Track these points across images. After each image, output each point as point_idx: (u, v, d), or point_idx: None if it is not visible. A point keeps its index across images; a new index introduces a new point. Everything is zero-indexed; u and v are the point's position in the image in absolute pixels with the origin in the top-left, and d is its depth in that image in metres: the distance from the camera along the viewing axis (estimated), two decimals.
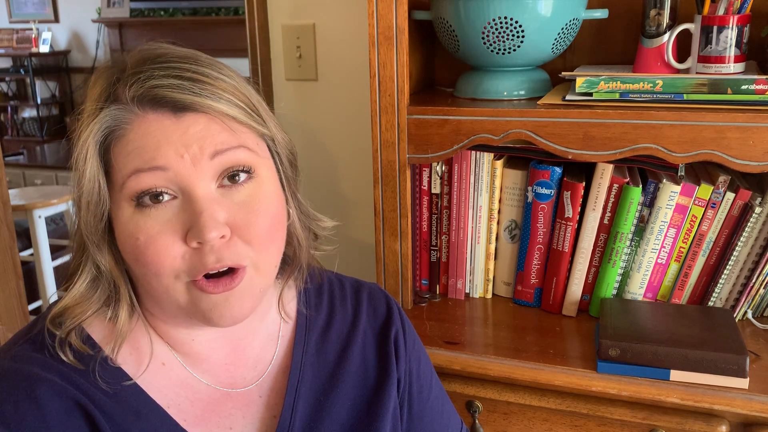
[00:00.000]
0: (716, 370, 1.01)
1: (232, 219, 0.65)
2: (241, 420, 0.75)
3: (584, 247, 1.20)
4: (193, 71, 0.65)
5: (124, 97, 0.64)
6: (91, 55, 6.30)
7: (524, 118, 1.11)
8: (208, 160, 0.64)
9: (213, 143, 0.64)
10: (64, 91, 6.51)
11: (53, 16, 6.30)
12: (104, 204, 0.65)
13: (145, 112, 0.64)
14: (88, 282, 0.68)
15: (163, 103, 0.64)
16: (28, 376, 0.65)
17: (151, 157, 0.63)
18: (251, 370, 0.77)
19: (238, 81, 0.68)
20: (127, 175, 0.63)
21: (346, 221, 1.67)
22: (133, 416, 0.68)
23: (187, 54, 0.67)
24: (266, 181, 0.69)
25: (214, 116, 0.65)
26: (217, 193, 0.65)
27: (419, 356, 0.88)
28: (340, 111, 1.62)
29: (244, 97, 0.67)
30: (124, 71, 0.66)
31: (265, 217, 0.67)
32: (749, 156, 1.02)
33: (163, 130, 0.63)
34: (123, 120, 0.64)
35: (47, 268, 3.14)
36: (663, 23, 1.11)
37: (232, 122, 0.66)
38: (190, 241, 0.64)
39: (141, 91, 0.64)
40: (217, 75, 0.66)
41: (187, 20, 5.67)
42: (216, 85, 0.65)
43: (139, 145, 0.63)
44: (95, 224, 0.65)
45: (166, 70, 0.64)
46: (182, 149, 0.63)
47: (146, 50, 0.68)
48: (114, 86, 0.65)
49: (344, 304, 0.85)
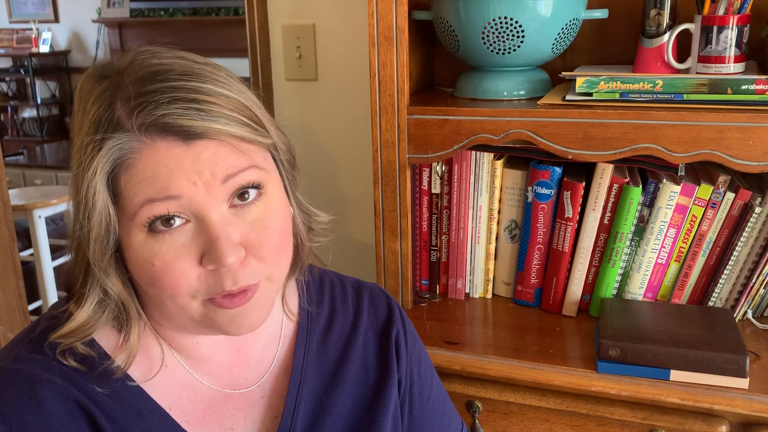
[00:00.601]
0: (716, 370, 1.01)
1: (245, 239, 0.65)
2: (243, 421, 0.75)
3: (584, 247, 1.20)
4: (197, 91, 0.63)
5: (130, 125, 0.62)
6: (91, 55, 6.30)
7: (524, 118, 1.11)
8: (221, 185, 0.63)
9: (224, 167, 0.63)
10: (64, 91, 6.51)
11: (53, 16, 6.30)
12: (114, 232, 0.64)
13: (153, 141, 0.62)
14: (94, 305, 0.68)
15: (173, 132, 0.62)
16: (29, 377, 0.65)
17: (164, 186, 0.62)
18: (253, 371, 0.77)
19: (238, 91, 0.66)
20: (140, 205, 0.62)
21: (346, 221, 1.67)
22: (134, 417, 0.68)
23: (185, 68, 0.65)
24: (274, 195, 0.69)
25: (224, 140, 0.63)
26: (230, 214, 0.65)
27: (420, 356, 0.88)
28: (340, 111, 1.62)
29: (248, 111, 0.66)
30: (120, 89, 0.63)
31: (276, 233, 0.68)
32: (749, 156, 1.02)
33: (173, 158, 0.62)
34: (131, 149, 0.62)
35: (47, 268, 3.14)
36: (663, 23, 1.11)
37: (240, 143, 0.65)
38: (206, 265, 0.64)
39: (149, 119, 0.61)
40: (221, 91, 0.64)
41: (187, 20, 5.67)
42: (222, 105, 0.63)
43: (150, 174, 0.62)
44: (103, 253, 0.65)
45: (170, 93, 0.62)
46: (194, 176, 0.62)
47: (142, 64, 0.65)
48: (113, 110, 0.63)
49: (345, 304, 0.85)
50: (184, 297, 0.65)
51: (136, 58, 0.66)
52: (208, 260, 0.63)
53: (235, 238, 0.64)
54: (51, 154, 5.84)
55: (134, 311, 0.69)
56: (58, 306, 0.74)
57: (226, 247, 0.63)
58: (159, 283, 0.64)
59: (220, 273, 0.64)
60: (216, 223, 0.63)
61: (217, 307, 0.66)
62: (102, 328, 0.70)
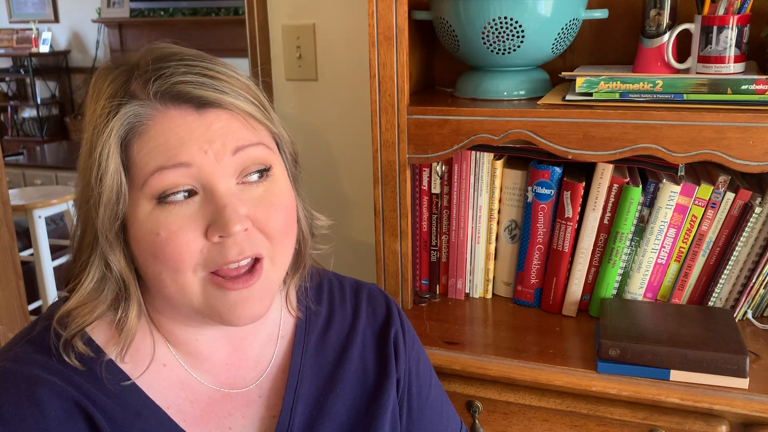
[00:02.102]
0: (716, 370, 1.01)
1: (252, 213, 0.66)
2: (241, 420, 0.75)
3: (584, 247, 1.20)
4: (210, 69, 0.66)
5: (145, 93, 0.64)
6: (91, 55, 6.30)
7: (524, 118, 1.11)
8: (231, 156, 0.65)
9: (235, 139, 0.65)
10: (64, 91, 6.51)
11: (53, 16, 6.30)
12: (124, 201, 0.64)
13: (167, 108, 0.64)
14: (95, 281, 0.68)
15: (186, 99, 0.64)
16: (28, 378, 0.65)
17: (175, 153, 0.63)
18: (251, 370, 0.77)
19: (247, 78, 0.70)
20: (150, 173, 0.63)
21: (346, 221, 1.67)
22: (133, 417, 0.68)
23: (198, 54, 0.68)
24: (280, 178, 0.70)
25: (235, 112, 0.66)
26: (237, 189, 0.66)
27: (419, 357, 0.88)
28: (340, 111, 1.62)
29: (257, 96, 0.69)
30: (137, 69, 0.66)
31: (282, 212, 0.69)
32: (749, 156, 1.02)
33: (186, 126, 0.64)
34: (145, 116, 0.64)
35: (47, 268, 3.14)
36: (663, 23, 1.11)
37: (251, 119, 0.67)
38: (211, 236, 0.64)
39: (164, 87, 0.64)
40: (230, 73, 0.67)
41: (187, 20, 5.67)
42: (233, 84, 0.66)
43: (162, 141, 0.63)
44: (111, 223, 0.65)
45: (186, 67, 0.65)
46: (206, 145, 0.64)
47: (156, 49, 0.68)
48: (129, 83, 0.65)
49: (344, 304, 0.85)
50: (185, 271, 0.65)
51: (149, 48, 0.69)
52: (214, 230, 0.64)
53: (241, 210, 0.65)
54: (51, 154, 5.84)
55: (134, 291, 0.69)
56: (56, 306, 0.73)
57: (233, 215, 0.63)
58: (162, 255, 0.64)
59: (225, 244, 0.64)
60: (223, 194, 0.64)
61: (218, 289, 0.66)
62: (98, 324, 0.70)
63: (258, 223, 0.66)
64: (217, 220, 0.64)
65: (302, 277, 0.82)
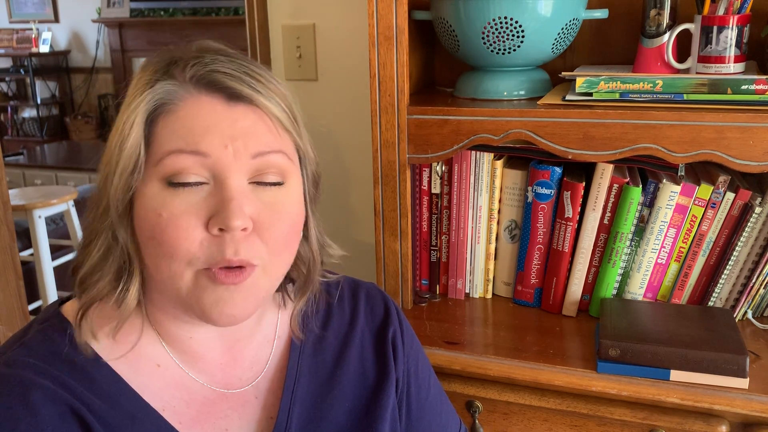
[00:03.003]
0: (716, 370, 1.01)
1: (256, 215, 0.66)
2: (237, 421, 0.74)
3: (584, 247, 1.20)
4: (251, 68, 0.67)
5: (182, 75, 0.66)
6: (91, 55, 6.31)
7: (524, 118, 1.11)
8: (249, 159, 0.65)
9: (257, 143, 0.66)
10: (64, 91, 6.52)
11: (53, 16, 6.31)
12: (139, 173, 0.65)
13: (199, 93, 0.65)
14: (103, 250, 0.68)
15: (219, 88, 0.65)
16: (21, 382, 0.64)
17: (196, 140, 0.64)
18: (247, 371, 0.77)
19: (286, 89, 0.70)
20: (167, 153, 0.64)
21: (346, 221, 1.67)
22: (128, 420, 0.68)
23: (243, 56, 0.70)
24: (293, 190, 0.70)
25: (264, 114, 0.66)
26: (248, 188, 0.66)
27: (417, 356, 0.87)
28: (340, 111, 1.62)
29: (290, 106, 0.70)
30: (183, 54, 0.68)
31: (286, 222, 0.68)
32: (749, 156, 1.02)
33: (213, 114, 0.65)
34: (176, 96, 0.65)
35: (47, 268, 3.13)
36: (663, 23, 1.11)
37: (278, 124, 0.67)
38: (212, 227, 0.64)
39: (201, 72, 0.65)
40: (269, 77, 0.68)
41: (187, 20, 5.68)
42: (269, 86, 0.67)
43: (187, 124, 0.64)
44: (124, 193, 0.65)
45: (227, 60, 0.67)
46: (228, 140, 0.64)
47: (204, 42, 0.70)
48: (171, 66, 0.67)
49: (341, 304, 0.85)
50: (180, 260, 0.64)
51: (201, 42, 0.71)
52: (216, 221, 0.64)
53: (246, 209, 0.65)
54: (51, 154, 5.84)
55: (137, 266, 0.68)
56: (49, 309, 0.73)
57: (237, 210, 0.63)
58: (161, 236, 0.64)
59: (223, 240, 0.64)
60: (233, 188, 0.64)
61: (209, 281, 0.65)
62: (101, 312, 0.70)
63: (259, 227, 0.66)
64: (220, 211, 0.64)
65: (308, 301, 0.80)
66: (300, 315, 0.80)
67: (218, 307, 0.66)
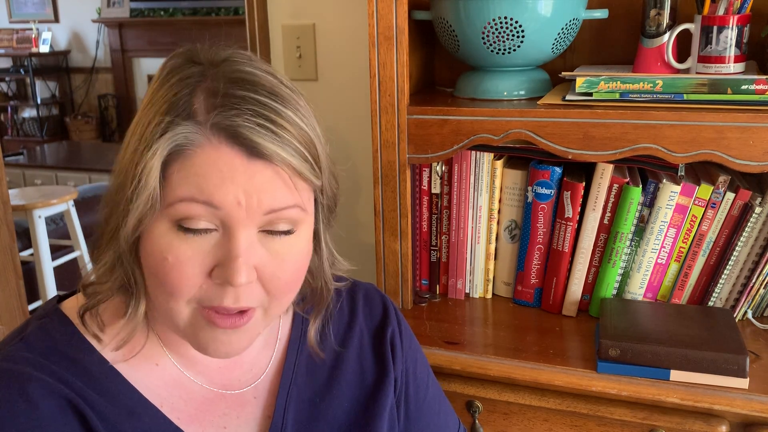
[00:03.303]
0: (716, 370, 1.01)
1: (261, 266, 0.65)
2: (235, 420, 0.75)
3: (584, 247, 1.20)
4: (277, 113, 0.63)
5: (204, 118, 0.62)
6: (91, 55, 6.31)
7: (524, 118, 1.11)
8: (262, 215, 0.63)
9: (272, 200, 0.63)
10: (64, 91, 6.52)
11: (53, 16, 6.31)
12: (153, 214, 0.63)
13: (219, 143, 0.61)
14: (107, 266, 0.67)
15: (241, 142, 0.61)
16: (20, 376, 0.65)
17: (210, 192, 0.61)
18: (246, 373, 0.77)
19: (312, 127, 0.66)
20: (179, 199, 0.62)
21: (346, 221, 1.67)
22: (126, 415, 0.68)
23: (274, 87, 0.65)
24: (303, 237, 0.69)
25: (282, 170, 0.63)
26: (256, 238, 0.64)
27: (416, 356, 0.87)
28: (340, 111, 1.62)
29: (313, 149, 0.66)
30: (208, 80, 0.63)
31: (290, 271, 0.67)
32: (749, 156, 1.02)
33: (231, 168, 0.61)
34: (195, 142, 0.61)
35: (47, 268, 3.13)
36: (663, 23, 1.11)
37: (296, 178, 0.64)
38: (215, 278, 0.63)
39: (225, 122, 0.61)
40: (297, 122, 0.64)
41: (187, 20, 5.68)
42: (294, 135, 0.63)
43: (202, 173, 0.61)
44: (134, 229, 0.64)
45: (254, 105, 0.62)
46: (242, 196, 0.62)
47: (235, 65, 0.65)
48: (192, 97, 0.63)
49: (340, 304, 0.85)
50: (179, 301, 0.64)
51: (231, 57, 0.66)
52: (219, 274, 0.63)
53: (252, 260, 0.64)
54: (51, 154, 5.84)
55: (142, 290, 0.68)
56: (48, 305, 0.73)
57: (242, 268, 0.62)
58: (163, 278, 0.64)
59: (224, 288, 0.63)
60: (241, 243, 0.63)
61: (207, 322, 0.65)
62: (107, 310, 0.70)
63: (262, 276, 0.65)
64: (225, 266, 0.63)
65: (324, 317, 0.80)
66: (318, 333, 0.80)
67: (214, 346, 0.67)
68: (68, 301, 0.74)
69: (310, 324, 0.79)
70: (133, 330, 0.69)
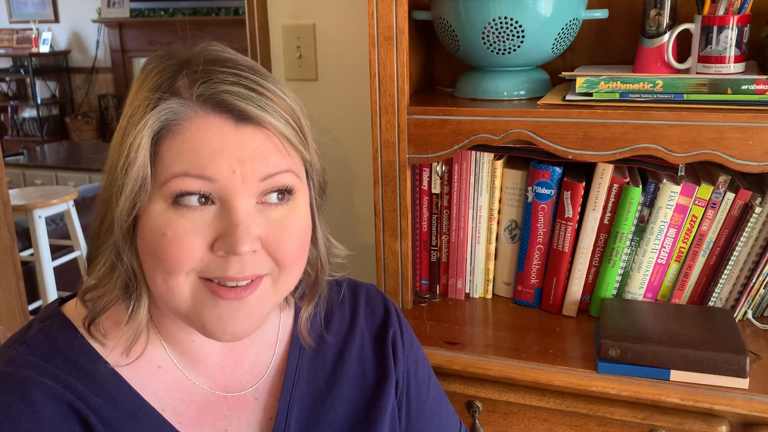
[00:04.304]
0: (716, 370, 1.01)
1: (265, 235, 0.65)
2: (237, 422, 0.75)
3: (584, 247, 1.20)
4: (259, 83, 0.64)
5: (188, 93, 0.63)
6: (91, 55, 6.31)
7: (524, 118, 1.11)
8: (258, 182, 0.64)
9: (266, 165, 0.64)
10: (64, 91, 6.52)
11: (53, 16, 6.31)
12: (145, 194, 0.63)
13: (206, 113, 0.62)
14: (107, 267, 0.67)
15: (228, 110, 0.62)
16: (22, 380, 0.65)
17: (203, 165, 0.62)
18: (247, 374, 0.77)
19: (293, 100, 0.68)
20: (173, 175, 0.62)
21: (346, 221, 1.67)
22: (128, 419, 0.68)
23: (251, 65, 0.67)
24: (301, 204, 0.69)
25: (272, 134, 0.64)
26: (255, 209, 0.65)
27: (417, 357, 0.87)
28: (340, 111, 1.62)
29: (298, 119, 0.67)
30: (187, 65, 0.65)
31: (295, 238, 0.67)
32: (749, 156, 1.02)
33: (221, 137, 0.62)
34: (182, 116, 0.62)
35: (47, 268, 3.13)
36: (663, 23, 1.11)
37: (286, 143, 0.65)
38: (217, 250, 0.63)
39: (209, 91, 0.62)
40: (278, 92, 0.66)
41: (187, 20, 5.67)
42: (277, 103, 0.65)
43: (194, 146, 0.62)
44: (128, 213, 0.64)
45: (235, 77, 0.64)
46: (235, 164, 0.62)
47: (212, 50, 0.67)
48: (175, 79, 0.64)
49: (342, 305, 0.85)
50: (178, 276, 0.64)
51: (206, 48, 0.68)
52: (221, 245, 0.63)
53: (254, 230, 0.64)
54: (51, 154, 5.84)
55: (143, 285, 0.68)
56: (50, 308, 0.73)
57: (244, 235, 0.62)
58: (162, 254, 0.63)
59: (228, 260, 0.63)
60: (240, 212, 0.63)
61: (211, 295, 0.65)
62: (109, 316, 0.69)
63: (269, 246, 0.65)
64: (227, 236, 0.63)
65: (317, 304, 0.80)
66: (309, 320, 0.80)
67: (221, 325, 0.66)
68: (70, 303, 0.74)
69: (302, 311, 0.79)
70: (136, 334, 0.69)
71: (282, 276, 0.68)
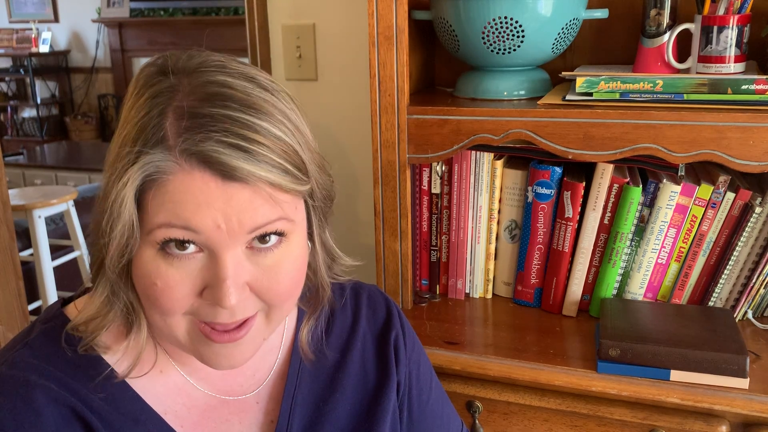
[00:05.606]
0: (716, 370, 1.01)
1: (254, 282, 0.63)
2: (238, 426, 0.75)
3: (584, 247, 1.20)
4: (250, 128, 0.59)
5: (173, 143, 0.59)
6: (91, 55, 6.31)
7: (524, 118, 1.11)
8: (245, 234, 0.61)
9: (253, 219, 0.60)
10: (64, 91, 6.52)
11: (53, 16, 6.31)
12: (135, 241, 0.62)
13: (191, 168, 0.59)
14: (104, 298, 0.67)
15: (213, 167, 0.58)
16: (25, 383, 0.64)
17: (187, 217, 0.59)
18: (249, 378, 0.77)
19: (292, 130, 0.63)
20: (158, 225, 0.60)
21: (346, 222, 1.67)
22: (130, 423, 0.68)
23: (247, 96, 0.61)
24: (294, 243, 0.66)
25: (261, 188, 0.60)
26: (244, 256, 0.62)
27: (419, 359, 0.87)
28: (340, 111, 1.62)
29: (295, 156, 0.62)
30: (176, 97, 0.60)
31: (287, 281, 0.66)
32: (749, 156, 1.02)
33: (206, 193, 0.59)
34: (167, 170, 0.59)
35: (47, 268, 3.13)
36: (663, 23, 1.11)
37: (276, 192, 0.61)
38: (206, 298, 0.62)
39: (193, 149, 0.58)
40: (274, 131, 0.61)
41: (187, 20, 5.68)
42: (271, 148, 0.60)
43: (177, 199, 0.59)
44: (119, 261, 0.63)
45: (223, 124, 0.59)
46: (220, 219, 0.59)
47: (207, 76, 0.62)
48: (162, 120, 0.60)
49: (343, 307, 0.84)
50: (174, 316, 0.64)
51: (203, 65, 0.63)
52: (209, 296, 0.62)
53: (242, 279, 0.62)
54: (51, 154, 5.84)
55: (141, 312, 0.67)
56: (52, 309, 0.73)
57: (231, 290, 0.61)
58: (155, 302, 0.63)
59: (216, 308, 0.62)
60: (227, 264, 0.61)
61: (205, 338, 0.65)
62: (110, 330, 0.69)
63: (258, 291, 0.64)
64: (214, 288, 0.61)
65: (318, 319, 0.79)
66: (309, 333, 0.79)
67: (217, 360, 0.66)
68: (72, 305, 0.73)
69: (303, 324, 0.78)
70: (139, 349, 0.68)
71: (273, 312, 0.67)
